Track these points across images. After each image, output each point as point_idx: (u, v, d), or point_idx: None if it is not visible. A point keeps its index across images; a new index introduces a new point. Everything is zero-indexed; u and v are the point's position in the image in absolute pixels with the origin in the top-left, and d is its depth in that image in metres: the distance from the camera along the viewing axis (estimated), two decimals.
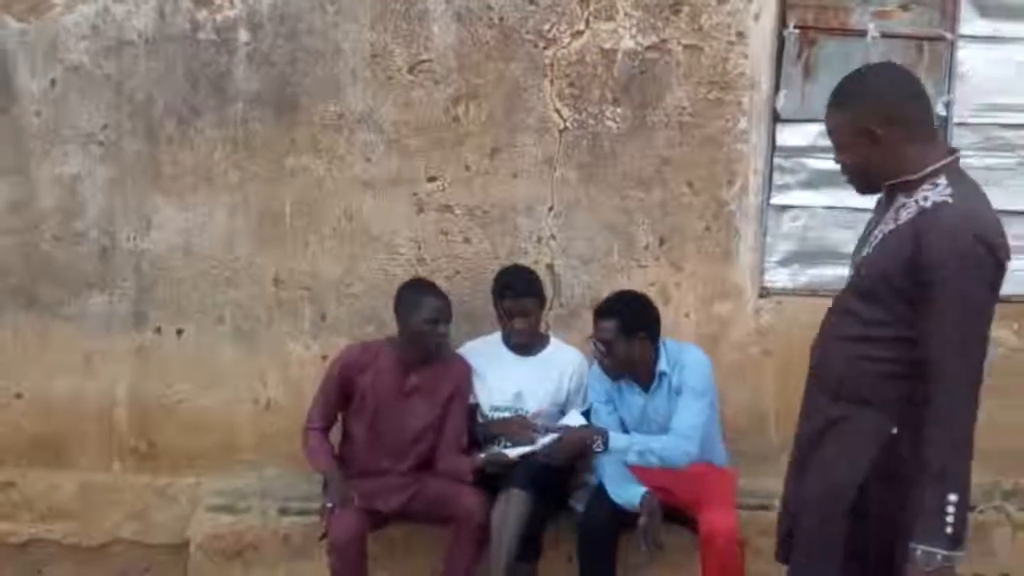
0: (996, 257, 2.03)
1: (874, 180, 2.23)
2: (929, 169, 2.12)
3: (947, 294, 2.01)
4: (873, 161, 2.17)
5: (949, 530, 2.01)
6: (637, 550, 3.31)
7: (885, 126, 2.11)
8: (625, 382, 3.50)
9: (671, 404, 3.44)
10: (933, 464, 2.03)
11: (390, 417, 3.48)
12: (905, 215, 2.12)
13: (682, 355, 3.48)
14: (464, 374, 3.58)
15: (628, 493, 3.34)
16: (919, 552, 2.03)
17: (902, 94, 2.14)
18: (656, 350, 3.46)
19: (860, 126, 2.14)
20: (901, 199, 2.16)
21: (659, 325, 3.48)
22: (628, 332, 3.39)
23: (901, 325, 2.11)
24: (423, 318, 3.40)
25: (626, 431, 3.50)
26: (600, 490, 3.46)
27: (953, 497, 2.01)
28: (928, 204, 2.08)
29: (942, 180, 2.11)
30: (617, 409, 3.53)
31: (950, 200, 2.06)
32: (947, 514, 2.01)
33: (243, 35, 3.65)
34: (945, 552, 2.01)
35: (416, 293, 3.45)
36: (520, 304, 3.54)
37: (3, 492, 3.81)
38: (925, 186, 2.12)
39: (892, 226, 2.14)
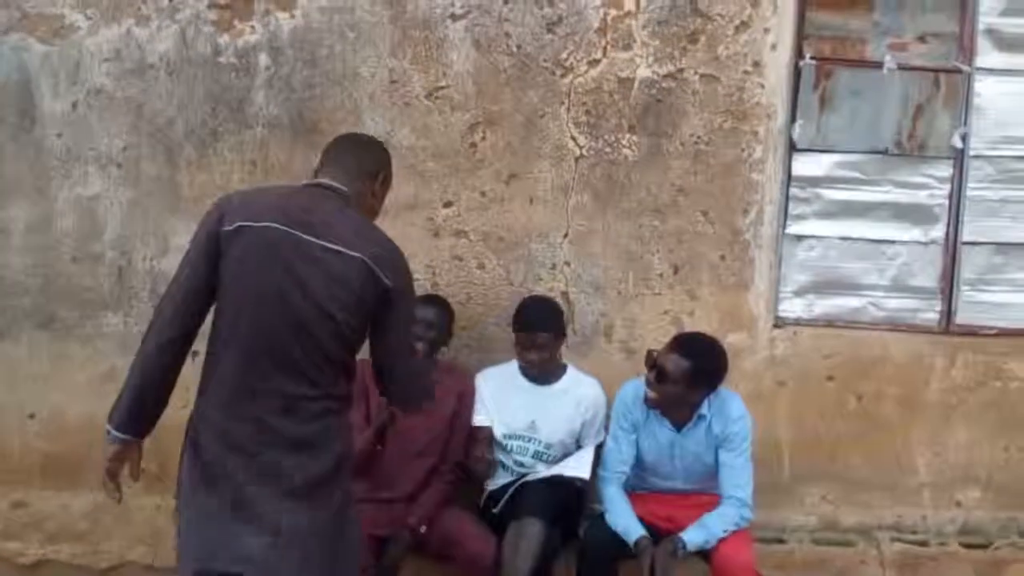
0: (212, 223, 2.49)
1: None
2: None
3: None
4: None
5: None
6: None
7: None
8: (655, 414, 3.45)
9: (706, 448, 3.42)
10: None
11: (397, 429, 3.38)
12: None
13: (726, 405, 3.42)
14: (466, 389, 3.57)
15: (625, 526, 3.31)
16: None
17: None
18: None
19: None
20: None
21: (722, 380, 3.41)
22: (695, 379, 3.32)
23: None
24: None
25: (640, 461, 3.48)
26: (601, 515, 3.43)
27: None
28: None
29: None
30: (639, 440, 3.48)
31: None
32: None
33: (263, 60, 3.69)
34: (107, 424, 2.52)
35: None
36: (531, 338, 3.51)
37: (13, 512, 3.81)
38: None
39: None
